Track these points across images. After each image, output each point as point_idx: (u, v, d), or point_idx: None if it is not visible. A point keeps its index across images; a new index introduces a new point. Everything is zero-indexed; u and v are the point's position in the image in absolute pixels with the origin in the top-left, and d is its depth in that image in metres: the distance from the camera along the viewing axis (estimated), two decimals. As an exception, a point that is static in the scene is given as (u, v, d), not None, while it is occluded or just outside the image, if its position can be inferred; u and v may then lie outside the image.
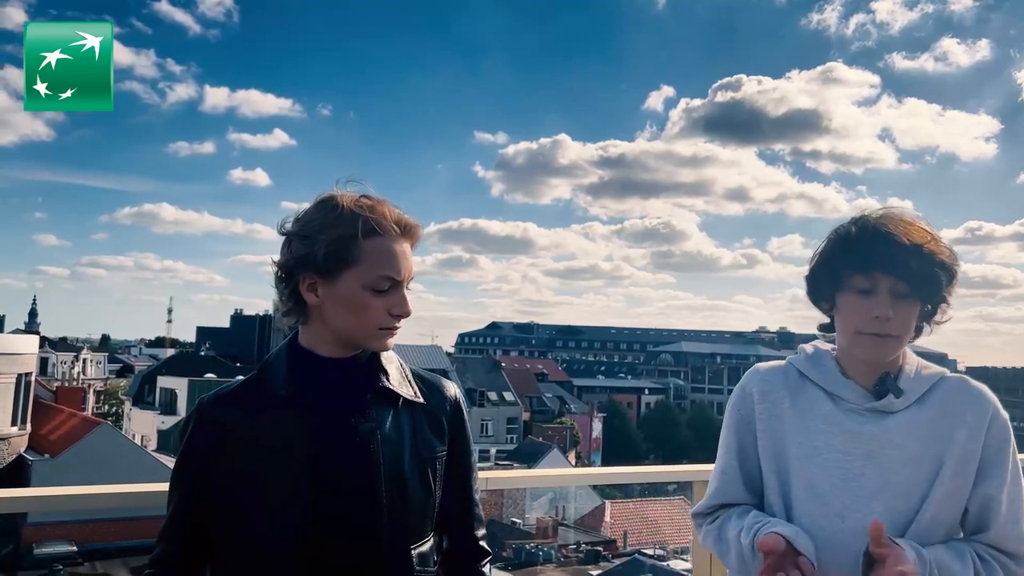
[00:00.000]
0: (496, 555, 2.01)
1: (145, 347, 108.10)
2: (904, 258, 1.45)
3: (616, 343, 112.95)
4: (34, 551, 19.12)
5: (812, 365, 1.63)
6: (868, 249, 1.48)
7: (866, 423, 1.54)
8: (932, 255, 1.47)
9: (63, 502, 2.10)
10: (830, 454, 1.53)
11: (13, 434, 22.71)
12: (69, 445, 22.34)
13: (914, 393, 1.55)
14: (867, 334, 1.50)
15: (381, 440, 1.48)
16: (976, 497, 1.52)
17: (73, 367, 61.11)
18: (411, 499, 1.50)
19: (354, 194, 1.49)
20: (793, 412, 1.59)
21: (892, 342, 1.50)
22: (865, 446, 1.52)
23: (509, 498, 25.24)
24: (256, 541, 1.44)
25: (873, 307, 1.47)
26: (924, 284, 1.47)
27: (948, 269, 1.49)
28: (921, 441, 1.52)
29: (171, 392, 47.55)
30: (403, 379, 1.58)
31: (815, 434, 1.56)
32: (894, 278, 1.46)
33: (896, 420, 1.53)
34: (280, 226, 1.51)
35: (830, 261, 1.55)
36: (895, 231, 1.47)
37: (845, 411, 1.56)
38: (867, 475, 1.51)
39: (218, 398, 1.54)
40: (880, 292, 1.48)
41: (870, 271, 1.47)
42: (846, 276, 1.51)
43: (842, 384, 1.57)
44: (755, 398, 1.63)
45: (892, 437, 1.52)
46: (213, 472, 1.48)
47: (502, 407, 57.52)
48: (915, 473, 1.51)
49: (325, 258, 1.44)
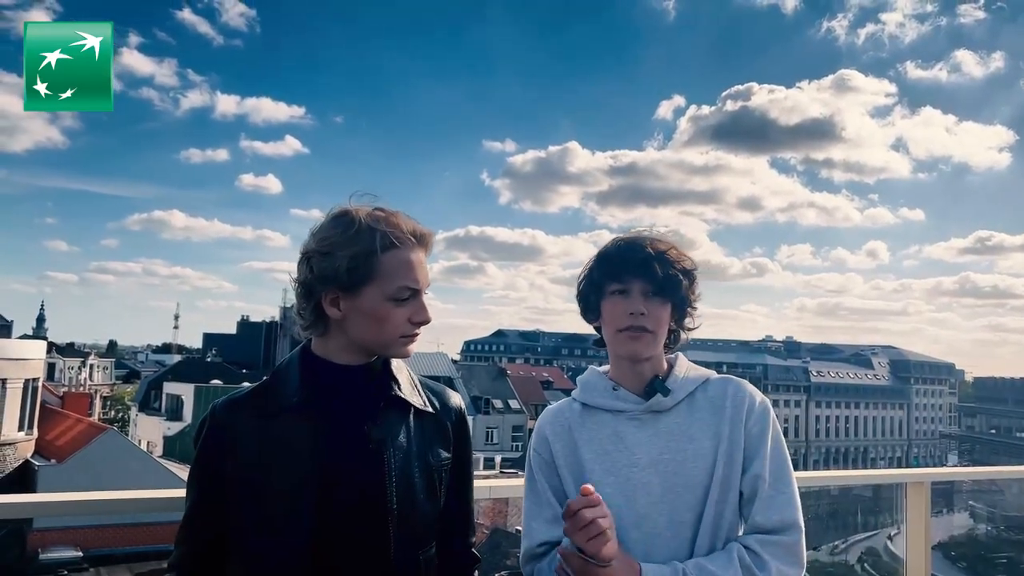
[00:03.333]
0: (500, 564, 2.03)
1: (152, 353, 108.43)
2: (651, 263, 1.68)
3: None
4: (40, 556, 19.14)
5: (588, 391, 1.79)
6: (622, 258, 1.71)
7: (644, 428, 1.69)
8: (673, 261, 1.70)
9: (69, 507, 2.10)
10: (619, 471, 1.67)
11: (20, 439, 22.80)
12: (75, 450, 22.38)
13: (681, 392, 1.72)
14: (625, 330, 1.69)
15: (393, 448, 1.51)
16: (746, 481, 1.66)
17: (80, 373, 61.28)
18: (419, 506, 1.53)
19: (368, 207, 1.52)
20: (583, 442, 1.73)
21: (648, 337, 1.69)
22: (647, 453, 1.67)
23: (514, 506, 25.21)
24: (267, 546, 1.46)
25: (628, 305, 1.68)
26: (669, 285, 1.68)
27: (688, 273, 1.72)
28: (693, 439, 1.68)
29: (177, 398, 47.68)
30: (413, 388, 1.62)
31: (604, 455, 1.70)
32: (643, 280, 1.68)
33: (669, 419, 1.70)
34: (303, 246, 1.53)
35: (592, 275, 1.76)
36: (642, 243, 1.72)
37: (624, 422, 1.71)
38: (652, 482, 1.65)
39: (231, 403, 1.56)
40: (633, 292, 1.69)
41: (623, 276, 1.69)
42: (606, 284, 1.72)
43: (614, 397, 1.74)
44: (550, 439, 1.76)
45: (668, 439, 1.68)
46: (225, 476, 1.50)
47: (507, 415, 57.50)
48: (693, 471, 1.65)
49: (347, 274, 1.47)
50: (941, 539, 17.80)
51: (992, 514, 19.65)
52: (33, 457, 23.02)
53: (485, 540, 20.25)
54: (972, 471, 4.95)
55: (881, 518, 8.62)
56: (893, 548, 4.43)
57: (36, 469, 21.91)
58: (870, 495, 5.32)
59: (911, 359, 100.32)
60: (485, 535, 21.20)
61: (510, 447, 54.63)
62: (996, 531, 19.43)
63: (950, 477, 6.04)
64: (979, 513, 19.98)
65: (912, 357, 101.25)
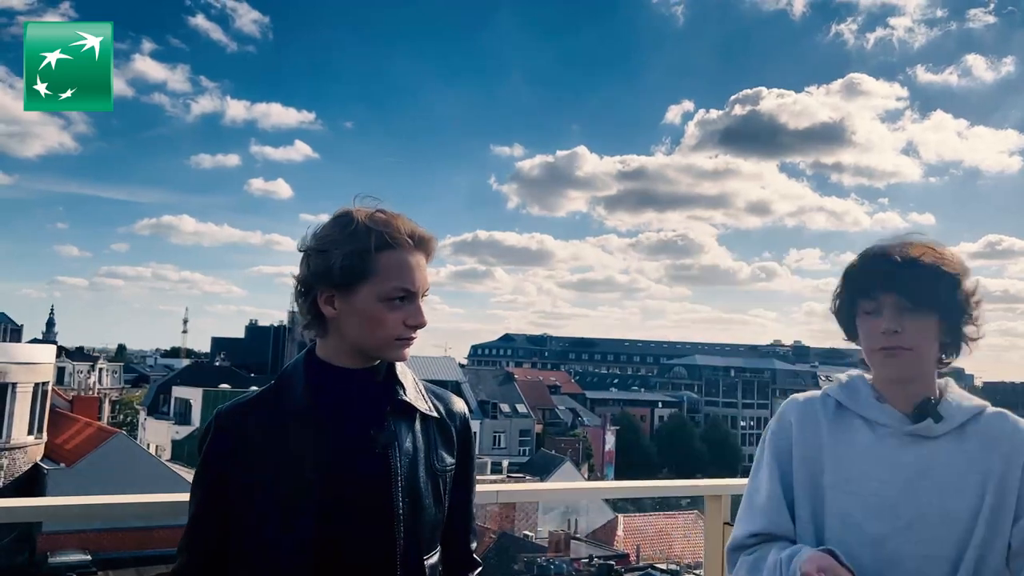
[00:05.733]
0: (508, 568, 2.02)
1: (161, 357, 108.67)
2: (902, 274, 1.50)
3: (630, 356, 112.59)
4: (49, 560, 19.21)
5: (848, 393, 1.63)
6: (868, 273, 1.55)
7: (904, 448, 1.52)
8: (930, 266, 1.50)
9: (78, 511, 2.11)
10: (866, 483, 1.52)
11: (30, 443, 22.89)
12: (84, 454, 22.47)
13: (953, 421, 1.53)
14: (880, 350, 1.53)
15: (399, 452, 1.51)
16: (1019, 532, 1.48)
17: (89, 377, 61.44)
18: (425, 511, 1.53)
19: (369, 209, 1.52)
20: (830, 441, 1.58)
21: (907, 355, 1.51)
22: (902, 475, 1.50)
23: (521, 511, 25.17)
24: (272, 551, 1.45)
25: (880, 324, 1.52)
26: (927, 295, 1.49)
27: (952, 277, 1.51)
28: (958, 472, 1.50)
29: (186, 402, 47.80)
30: (418, 393, 1.62)
31: (851, 463, 1.54)
32: (895, 294, 1.50)
33: (935, 446, 1.52)
34: (299, 243, 1.54)
35: (842, 296, 1.62)
36: (891, 251, 1.54)
37: (883, 437, 1.55)
38: (902, 504, 1.49)
39: (236, 407, 1.55)
40: (885, 309, 1.52)
41: (872, 292, 1.53)
42: (856, 304, 1.58)
43: (879, 409, 1.57)
44: (793, 428, 1.62)
45: (930, 465, 1.50)
46: (231, 481, 1.49)
47: (515, 419, 57.40)
48: (951, 504, 1.48)
49: (341, 272, 1.47)
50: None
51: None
52: (42, 461, 23.11)
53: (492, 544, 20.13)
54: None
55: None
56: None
57: (45, 473, 22.00)
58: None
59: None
60: (493, 539, 21.10)
61: (517, 451, 54.52)
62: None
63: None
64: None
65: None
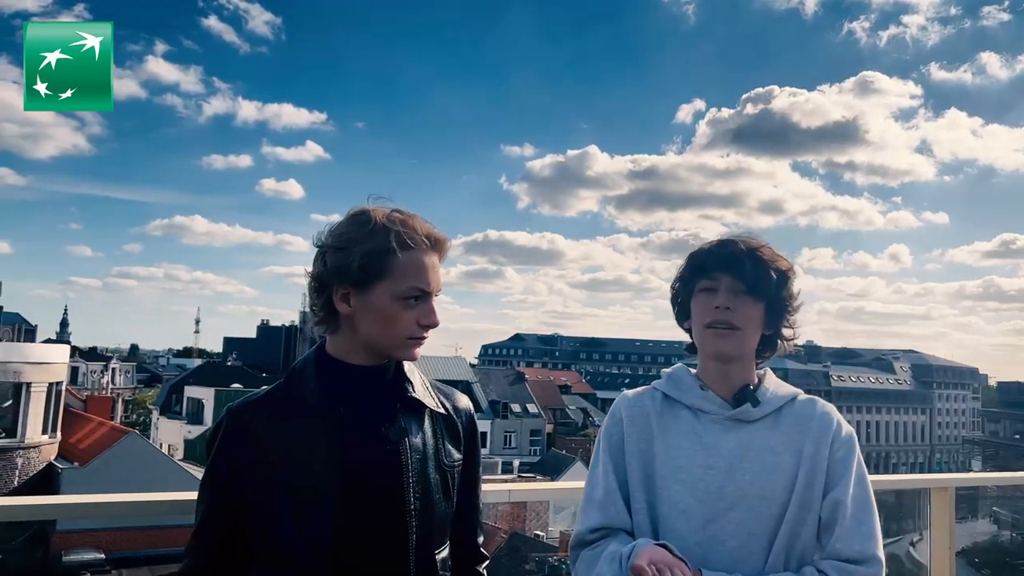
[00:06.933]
0: (519, 568, 2.04)
1: (173, 357, 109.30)
2: (740, 259, 1.65)
3: (641, 356, 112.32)
4: (63, 558, 19.32)
5: (673, 384, 1.74)
6: (710, 256, 1.69)
7: (726, 434, 1.65)
8: (767, 259, 1.66)
9: (92, 510, 2.13)
10: (692, 470, 1.63)
11: (44, 442, 23.03)
12: (98, 454, 22.58)
13: (769, 406, 1.68)
14: (712, 327, 1.65)
15: (410, 448, 1.53)
16: (826, 505, 1.61)
17: (102, 376, 61.89)
18: (436, 506, 1.56)
19: (386, 208, 1.55)
20: (659, 432, 1.68)
21: (736, 335, 1.65)
22: (725, 460, 1.63)
23: (532, 511, 25.13)
24: (286, 548, 1.46)
25: (715, 300, 1.65)
26: (759, 283, 1.64)
27: (782, 273, 1.68)
28: (775, 453, 1.63)
29: (198, 402, 48.03)
30: (426, 390, 1.64)
31: (679, 452, 1.65)
32: (732, 276, 1.65)
33: (753, 430, 1.65)
34: (316, 239, 1.55)
35: (683, 276, 1.75)
36: (735, 240, 1.69)
37: (706, 424, 1.67)
38: (726, 488, 1.61)
39: (247, 406, 1.56)
40: (721, 288, 1.66)
41: (711, 272, 1.67)
42: (695, 283, 1.71)
43: (701, 397, 1.69)
44: (624, 422, 1.72)
45: (749, 448, 1.63)
46: (242, 480, 1.50)
47: (525, 419, 57.40)
48: (769, 482, 1.61)
49: (359, 270, 1.49)
50: (964, 545, 17.56)
51: (1016, 520, 19.37)
52: (56, 460, 23.24)
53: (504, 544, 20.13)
54: (997, 476, 4.91)
55: (903, 524, 8.61)
56: (916, 554, 4.40)
57: (59, 472, 22.12)
58: (892, 500, 5.29)
59: (933, 364, 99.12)
60: (504, 539, 21.09)
61: (528, 451, 54.52)
62: (1020, 538, 19.15)
63: (975, 482, 5.97)
64: (1003, 519, 19.71)
65: (934, 362, 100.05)
